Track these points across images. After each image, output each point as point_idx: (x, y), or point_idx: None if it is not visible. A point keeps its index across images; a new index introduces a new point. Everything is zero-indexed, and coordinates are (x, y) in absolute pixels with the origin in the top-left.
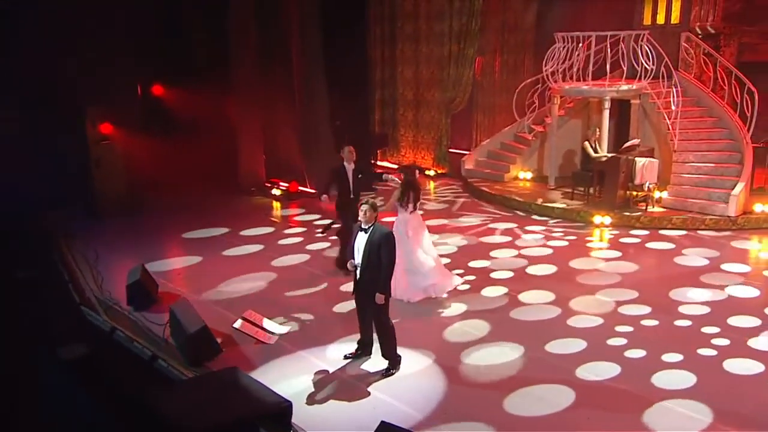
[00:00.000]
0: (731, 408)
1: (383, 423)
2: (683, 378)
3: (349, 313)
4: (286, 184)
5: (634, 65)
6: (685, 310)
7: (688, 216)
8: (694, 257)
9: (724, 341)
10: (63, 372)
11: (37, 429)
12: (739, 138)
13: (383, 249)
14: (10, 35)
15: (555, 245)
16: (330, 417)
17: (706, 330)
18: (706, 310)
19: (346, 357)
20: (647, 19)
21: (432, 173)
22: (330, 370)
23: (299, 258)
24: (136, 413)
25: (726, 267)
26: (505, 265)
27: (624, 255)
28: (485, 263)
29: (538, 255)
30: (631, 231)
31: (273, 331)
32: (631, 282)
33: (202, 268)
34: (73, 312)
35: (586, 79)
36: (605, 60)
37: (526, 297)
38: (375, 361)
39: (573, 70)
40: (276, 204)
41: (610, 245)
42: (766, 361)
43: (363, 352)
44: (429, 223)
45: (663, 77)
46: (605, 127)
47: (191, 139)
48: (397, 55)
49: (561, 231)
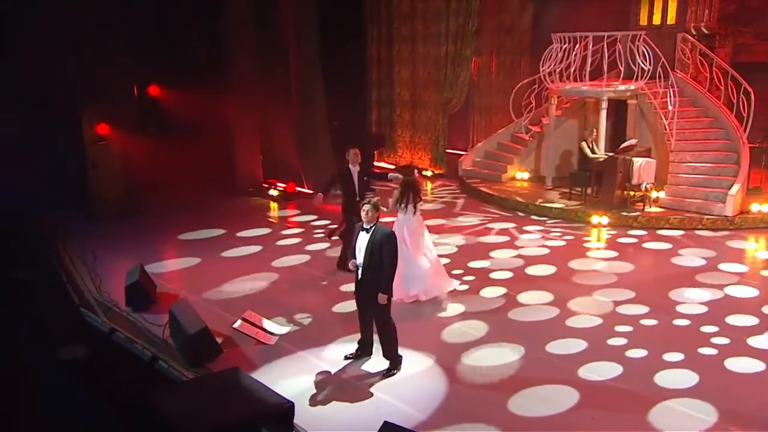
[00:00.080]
0: (734, 407)
1: (386, 423)
2: (685, 377)
3: (349, 314)
4: (283, 184)
5: (631, 65)
6: (684, 309)
7: (685, 216)
8: (691, 257)
9: (723, 340)
10: (63, 372)
11: (37, 429)
12: (736, 138)
13: (385, 249)
14: (10, 35)
15: (553, 245)
16: (332, 418)
17: (705, 329)
18: (704, 309)
19: (346, 357)
20: (643, 20)
21: (429, 174)
22: (331, 370)
23: (299, 258)
24: (137, 415)
25: (723, 267)
26: (504, 266)
27: (622, 255)
28: (485, 263)
29: (536, 255)
30: (629, 231)
31: (273, 332)
32: (629, 282)
33: (200, 269)
34: (72, 313)
35: (583, 80)
36: (602, 60)
37: (524, 297)
38: (376, 362)
39: (570, 70)
40: (273, 205)
41: (607, 245)
42: (766, 360)
43: (363, 352)
44: (427, 223)
45: (660, 77)
46: (602, 128)
47: (188, 140)
48: (394, 56)
49: (559, 231)
